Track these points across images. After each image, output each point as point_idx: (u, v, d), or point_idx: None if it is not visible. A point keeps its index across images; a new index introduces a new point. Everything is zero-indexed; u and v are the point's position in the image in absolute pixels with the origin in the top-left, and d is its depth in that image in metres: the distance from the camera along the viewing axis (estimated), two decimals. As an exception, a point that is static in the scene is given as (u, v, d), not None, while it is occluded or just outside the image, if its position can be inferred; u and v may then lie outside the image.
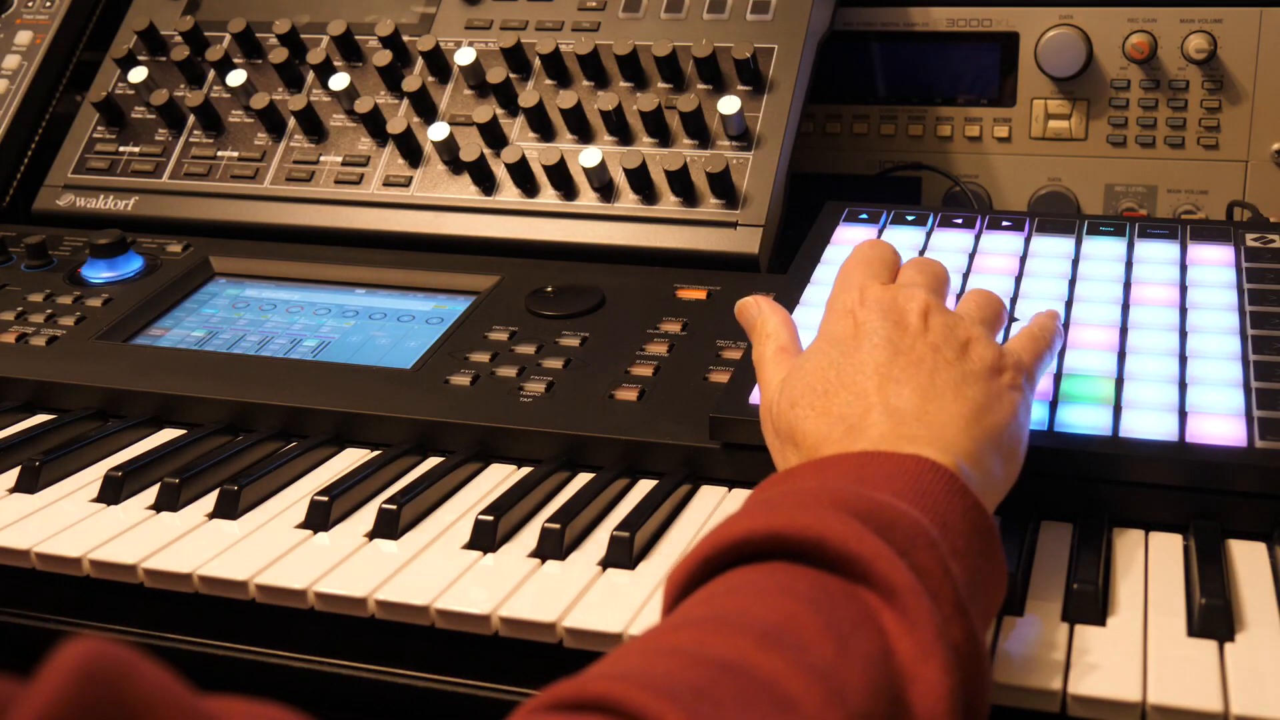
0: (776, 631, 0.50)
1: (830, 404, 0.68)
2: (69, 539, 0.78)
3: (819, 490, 0.59)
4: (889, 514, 0.57)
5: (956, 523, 0.59)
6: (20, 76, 1.35)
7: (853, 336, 0.71)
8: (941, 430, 0.65)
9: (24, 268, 1.16)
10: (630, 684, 0.46)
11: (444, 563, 0.74)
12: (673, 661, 0.49)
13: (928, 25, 1.28)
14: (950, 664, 0.52)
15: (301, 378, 0.95)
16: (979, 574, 0.59)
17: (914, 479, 0.60)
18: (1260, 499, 0.73)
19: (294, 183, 1.21)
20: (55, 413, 0.97)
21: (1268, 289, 0.89)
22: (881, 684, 0.50)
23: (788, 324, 0.78)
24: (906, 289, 0.74)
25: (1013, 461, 0.69)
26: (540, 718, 0.47)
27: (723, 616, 0.52)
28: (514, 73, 1.20)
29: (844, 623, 0.52)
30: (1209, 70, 1.21)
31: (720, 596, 0.55)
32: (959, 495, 0.60)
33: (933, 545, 0.56)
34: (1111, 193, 1.27)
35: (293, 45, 1.28)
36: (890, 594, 0.53)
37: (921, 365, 0.68)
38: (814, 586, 0.54)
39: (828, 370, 0.69)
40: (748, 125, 1.13)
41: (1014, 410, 0.69)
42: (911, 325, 0.71)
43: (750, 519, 0.57)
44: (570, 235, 1.12)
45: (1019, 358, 0.73)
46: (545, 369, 0.93)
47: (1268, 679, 0.61)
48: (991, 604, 0.61)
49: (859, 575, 0.54)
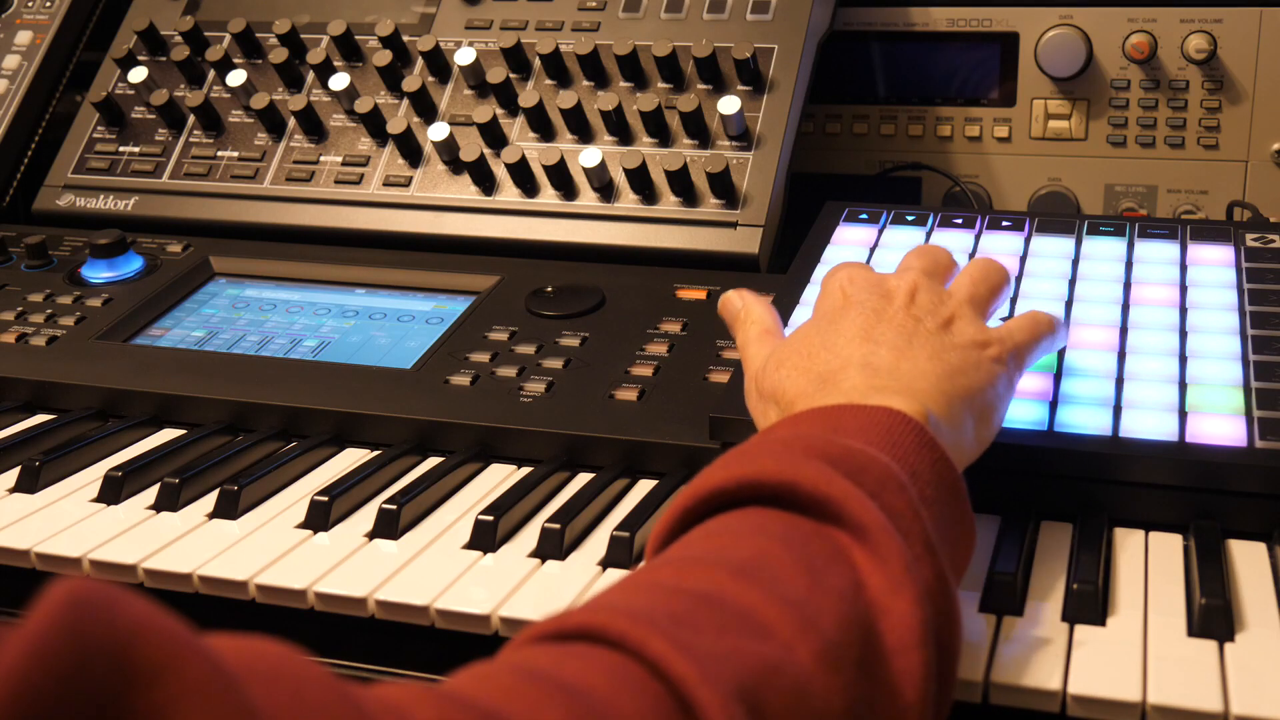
0: (751, 566, 0.53)
1: (811, 363, 0.70)
2: (69, 539, 0.78)
3: (791, 438, 0.61)
4: (859, 459, 0.59)
5: (925, 472, 0.61)
6: (20, 76, 1.35)
7: (840, 308, 0.74)
8: (912, 382, 0.67)
9: (24, 268, 1.16)
10: (610, 613, 0.48)
11: (444, 563, 0.74)
12: (651, 594, 0.51)
13: (928, 25, 1.28)
14: (920, 597, 0.54)
15: (301, 378, 0.95)
16: (947, 524, 0.61)
17: (885, 429, 0.62)
18: (1260, 499, 0.73)
19: (294, 183, 1.21)
20: (55, 413, 0.97)
21: (1268, 289, 0.89)
22: (853, 616, 0.52)
23: (770, 310, 0.80)
24: (900, 271, 0.77)
25: (986, 425, 0.70)
26: (527, 650, 0.48)
27: (699, 556, 0.54)
28: (514, 73, 1.20)
29: (816, 559, 0.54)
30: (1209, 70, 1.21)
31: (697, 541, 0.57)
32: (928, 447, 0.62)
33: (902, 488, 0.58)
34: (1111, 193, 1.27)
35: (293, 45, 1.28)
36: (861, 532, 0.55)
37: (902, 330, 0.70)
38: (787, 527, 0.56)
39: (813, 336, 0.72)
40: (748, 125, 1.13)
41: (993, 379, 0.70)
42: (898, 299, 0.73)
43: (725, 469, 0.59)
44: (570, 235, 1.12)
45: (1009, 335, 0.74)
46: (545, 369, 0.93)
47: (1268, 679, 0.61)
48: (960, 559, 0.63)
49: (831, 516, 0.56)
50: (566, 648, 0.48)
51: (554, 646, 0.48)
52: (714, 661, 0.47)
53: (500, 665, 0.47)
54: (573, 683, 0.45)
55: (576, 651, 0.47)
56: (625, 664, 0.46)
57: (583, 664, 0.46)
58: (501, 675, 0.45)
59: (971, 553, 0.64)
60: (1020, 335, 0.75)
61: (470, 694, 0.44)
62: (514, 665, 0.46)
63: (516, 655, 0.48)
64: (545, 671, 0.45)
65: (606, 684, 0.45)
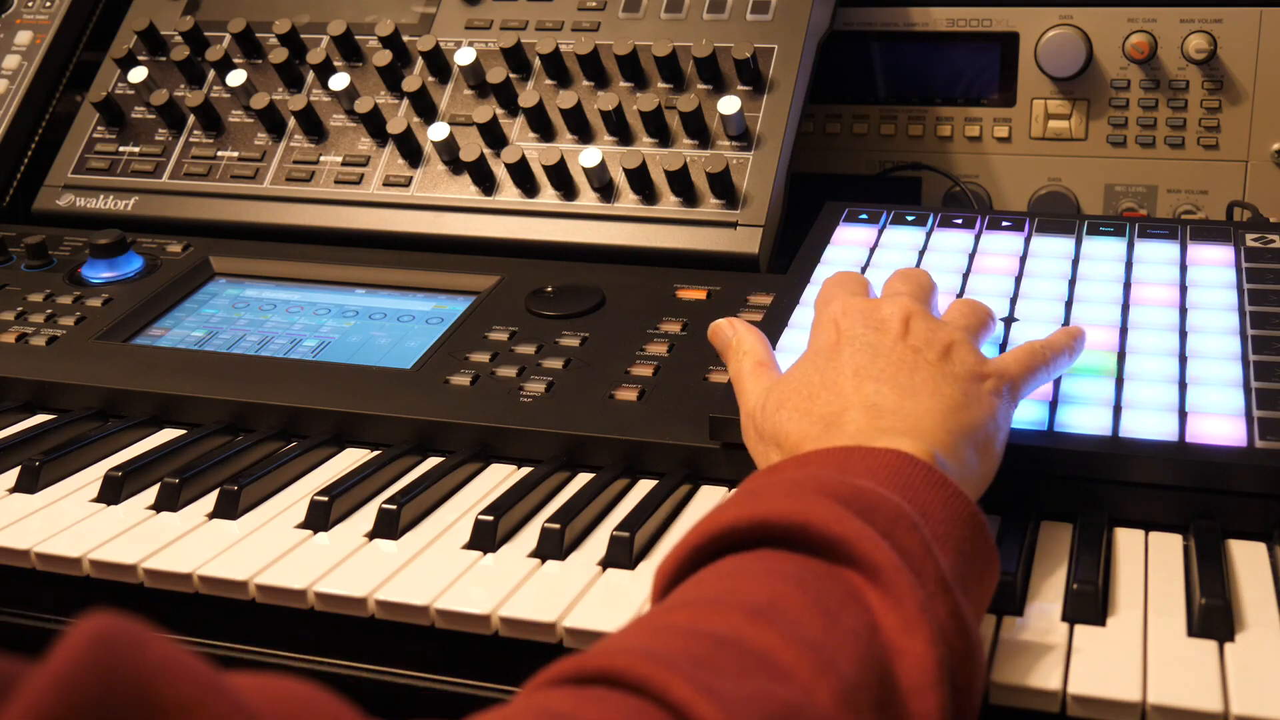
0: (767, 608, 0.52)
1: (812, 405, 0.69)
2: (69, 539, 0.78)
3: (802, 479, 0.60)
4: (871, 499, 0.58)
5: (937, 511, 0.60)
6: (20, 76, 1.35)
7: (835, 344, 0.73)
8: (917, 422, 0.66)
9: (24, 268, 1.16)
10: (630, 656, 0.47)
11: (444, 563, 0.74)
12: (669, 637, 0.50)
13: (928, 25, 1.28)
14: (935, 637, 0.53)
15: (301, 378, 0.95)
16: (964, 560, 0.60)
17: (892, 470, 0.62)
18: (1260, 499, 0.73)
19: (294, 183, 1.21)
20: (55, 413, 0.97)
21: (1268, 289, 0.89)
22: (869, 657, 0.52)
23: (763, 341, 0.80)
24: (890, 298, 0.76)
25: (989, 459, 0.70)
26: (545, 694, 0.48)
27: (713, 598, 0.54)
28: (514, 73, 1.20)
29: (830, 600, 0.53)
30: (1209, 70, 1.21)
31: (709, 582, 0.56)
32: (938, 486, 0.61)
33: (914, 527, 0.57)
34: (1111, 193, 1.27)
35: (293, 45, 1.28)
36: (874, 573, 0.55)
37: (901, 365, 0.70)
38: (800, 568, 0.55)
39: (812, 375, 0.71)
40: (748, 125, 1.13)
41: (992, 412, 0.70)
42: (893, 330, 0.72)
43: (737, 508, 0.58)
44: (570, 235, 1.12)
45: (1005, 368, 0.74)
46: (545, 369, 0.93)
47: (1268, 679, 0.61)
48: (983, 593, 0.62)
49: (843, 556, 0.56)
50: (586, 691, 0.47)
51: (573, 690, 0.47)
52: (738, 705, 0.46)
53: (519, 709, 0.46)
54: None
55: (596, 695, 0.46)
56: (647, 709, 0.45)
57: (603, 708, 0.45)
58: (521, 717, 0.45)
59: (996, 580, 0.63)
60: (1016, 369, 0.74)
61: None
62: (533, 708, 0.46)
63: (534, 699, 0.47)
64: (566, 715, 0.45)
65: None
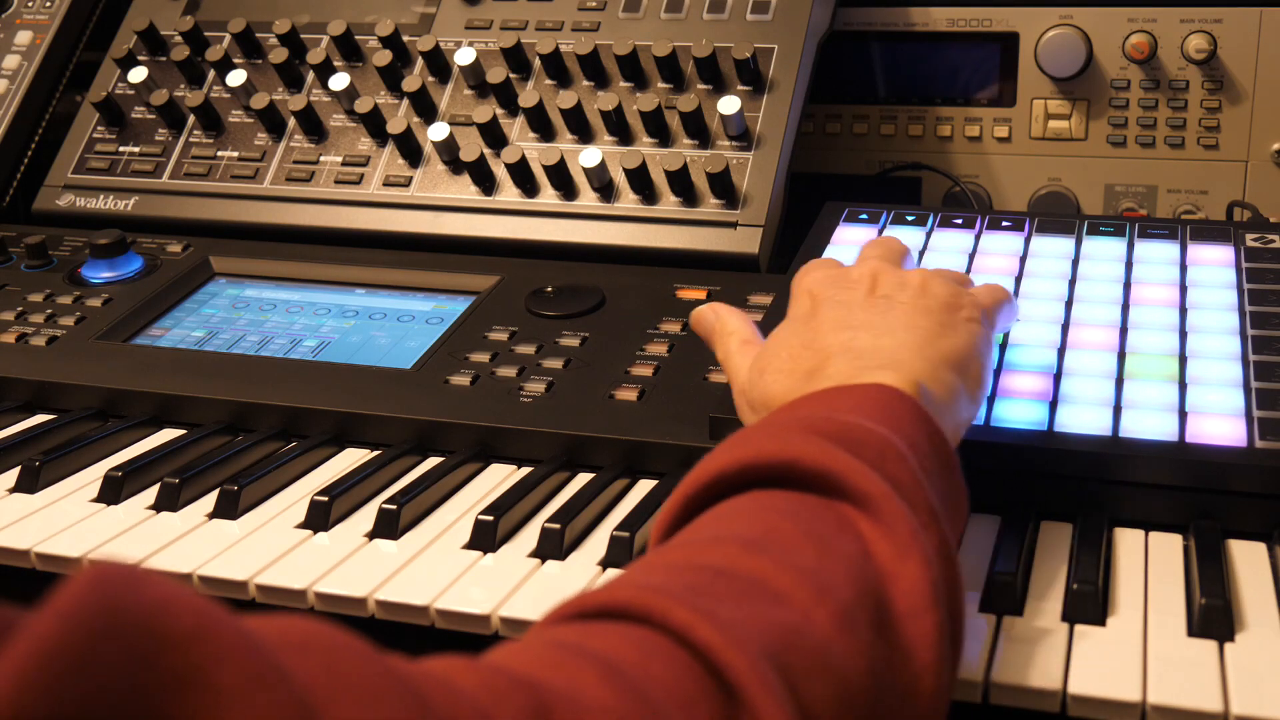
0: (761, 539, 0.53)
1: (795, 365, 0.71)
2: (69, 539, 0.78)
3: (788, 420, 0.62)
4: (857, 433, 0.59)
5: (923, 444, 0.62)
6: (20, 76, 1.35)
7: (810, 309, 0.75)
8: (894, 354, 0.68)
9: (24, 268, 1.16)
10: (631, 589, 0.49)
11: (444, 563, 0.74)
12: (667, 572, 0.52)
13: (928, 25, 1.27)
14: (929, 562, 0.54)
15: (301, 378, 0.95)
16: (943, 496, 0.61)
17: (877, 403, 0.63)
18: (1260, 499, 0.73)
19: (294, 183, 1.21)
20: (55, 413, 0.97)
21: (1268, 289, 0.89)
22: (864, 582, 0.53)
23: (746, 321, 0.81)
24: (860, 261, 0.79)
25: (975, 383, 0.71)
26: (554, 629, 0.49)
27: (708, 536, 0.55)
28: (514, 73, 1.20)
29: (823, 529, 0.55)
30: (1209, 70, 1.21)
31: (704, 524, 0.57)
32: (923, 420, 0.63)
33: (902, 458, 0.59)
34: (1111, 193, 1.27)
35: (293, 45, 1.28)
36: (865, 502, 0.56)
37: (875, 310, 0.72)
38: (791, 503, 0.57)
39: (790, 339, 0.73)
40: (748, 125, 1.13)
41: (973, 338, 0.72)
42: (863, 286, 0.75)
43: (725, 454, 0.60)
44: (570, 235, 1.12)
45: (978, 297, 0.76)
46: (545, 369, 0.93)
47: (1268, 679, 0.61)
48: (956, 530, 0.64)
49: (833, 489, 0.57)
50: (591, 625, 0.48)
51: (579, 625, 0.49)
52: (737, 627, 0.47)
53: (531, 641, 0.47)
54: (605, 654, 0.45)
55: (602, 628, 0.48)
56: (652, 636, 0.47)
57: (610, 638, 0.47)
58: (534, 648, 0.46)
59: (964, 524, 0.65)
60: (987, 298, 0.77)
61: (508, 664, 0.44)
62: (543, 641, 0.47)
63: (544, 633, 0.49)
64: (574, 645, 0.46)
65: (636, 654, 0.46)
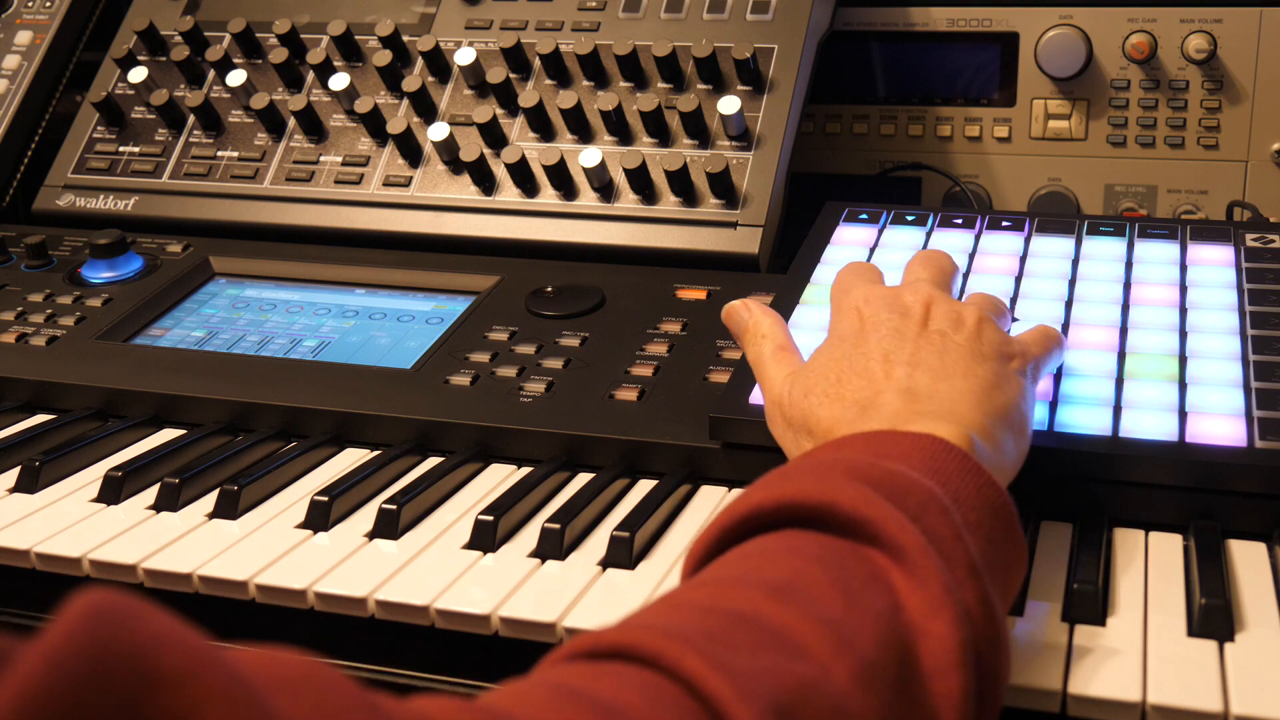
0: (787, 586, 0.52)
1: (843, 390, 0.69)
2: (69, 539, 0.78)
3: (833, 461, 0.60)
4: (901, 482, 0.58)
5: (970, 498, 0.60)
6: (20, 76, 1.35)
7: (859, 330, 0.73)
8: (953, 405, 0.66)
9: (24, 268, 1.16)
10: (644, 631, 0.47)
11: (444, 563, 0.74)
12: (685, 613, 0.50)
13: (928, 25, 1.28)
14: (960, 620, 0.53)
15: (301, 378, 0.95)
16: (995, 549, 0.59)
17: (928, 455, 0.61)
18: (1260, 499, 0.73)
19: (294, 183, 1.21)
20: (55, 413, 0.97)
21: (1268, 289, 0.89)
22: (890, 637, 0.51)
23: (781, 324, 0.80)
24: (911, 285, 0.76)
25: (1022, 438, 0.70)
26: (559, 669, 0.48)
27: (734, 576, 0.54)
28: (514, 73, 1.20)
29: (853, 579, 0.53)
30: (1209, 70, 1.21)
31: (732, 562, 0.56)
32: (973, 472, 0.61)
33: (945, 511, 0.57)
34: (1111, 193, 1.27)
35: (293, 45, 1.28)
36: (899, 554, 0.54)
37: (931, 347, 0.70)
38: (823, 548, 0.55)
39: (840, 361, 0.71)
40: (748, 125, 1.13)
41: (1021, 392, 0.70)
42: (916, 315, 0.72)
43: (765, 490, 0.58)
44: (570, 235, 1.12)
45: (1027, 348, 0.74)
46: (545, 369, 0.93)
47: (1268, 679, 0.61)
48: (1011, 583, 0.62)
49: (868, 537, 0.55)
50: (600, 666, 0.47)
51: (587, 665, 0.47)
52: (749, 679, 0.46)
53: (534, 683, 0.46)
54: (608, 701, 0.44)
55: (610, 670, 0.47)
56: (660, 682, 0.45)
57: (617, 682, 0.46)
58: (536, 692, 0.45)
59: (1023, 575, 0.63)
60: (1036, 348, 0.75)
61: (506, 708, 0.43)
62: (548, 683, 0.46)
63: (550, 674, 0.47)
64: (580, 689, 0.45)
65: (642, 702, 0.44)
